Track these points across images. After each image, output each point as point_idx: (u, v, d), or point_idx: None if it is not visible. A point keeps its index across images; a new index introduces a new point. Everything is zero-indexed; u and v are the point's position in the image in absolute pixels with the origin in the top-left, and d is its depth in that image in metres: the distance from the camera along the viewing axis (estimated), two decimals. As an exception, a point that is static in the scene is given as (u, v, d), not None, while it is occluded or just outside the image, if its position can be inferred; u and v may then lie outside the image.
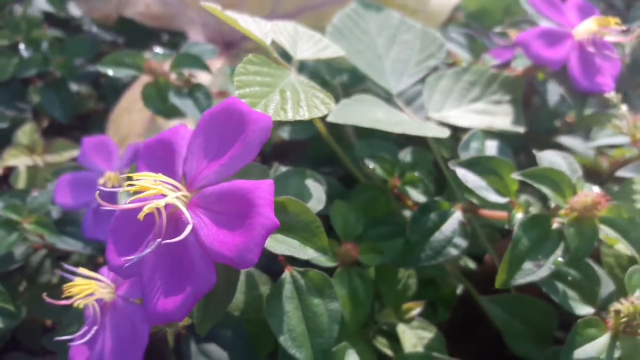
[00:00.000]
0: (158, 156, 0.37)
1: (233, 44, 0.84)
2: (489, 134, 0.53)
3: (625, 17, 0.71)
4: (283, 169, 0.49)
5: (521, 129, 0.54)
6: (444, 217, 0.47)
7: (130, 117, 0.71)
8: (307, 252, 0.37)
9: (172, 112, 0.61)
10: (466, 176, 0.44)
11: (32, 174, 0.68)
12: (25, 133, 0.70)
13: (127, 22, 0.82)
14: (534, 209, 0.43)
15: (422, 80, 0.58)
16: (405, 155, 0.56)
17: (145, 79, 0.62)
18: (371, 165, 0.53)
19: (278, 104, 0.39)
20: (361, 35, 0.60)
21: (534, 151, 0.44)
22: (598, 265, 0.51)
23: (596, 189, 0.42)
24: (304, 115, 0.39)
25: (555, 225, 0.41)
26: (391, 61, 0.59)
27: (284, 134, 0.62)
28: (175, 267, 0.33)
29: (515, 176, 0.41)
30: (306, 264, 0.42)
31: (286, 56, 0.47)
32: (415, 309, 0.50)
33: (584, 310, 0.42)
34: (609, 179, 0.58)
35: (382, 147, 0.56)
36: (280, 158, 0.62)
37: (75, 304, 0.40)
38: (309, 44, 0.48)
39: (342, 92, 0.62)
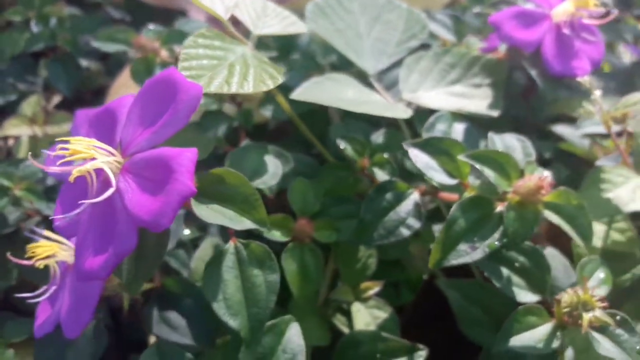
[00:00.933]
0: (102, 124, 0.39)
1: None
2: (460, 116, 0.52)
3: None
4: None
5: (495, 113, 0.53)
6: (399, 198, 0.47)
7: (127, 91, 0.73)
8: (242, 223, 0.38)
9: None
10: (418, 157, 0.44)
11: (34, 144, 0.71)
12: (30, 105, 0.73)
13: (135, 1, 0.84)
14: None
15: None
16: (378, 136, 0.56)
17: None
18: (342, 145, 0.54)
19: (224, 77, 0.39)
20: (344, 14, 0.60)
21: (490, 133, 0.44)
22: (566, 256, 0.50)
23: (547, 173, 0.41)
24: (249, 89, 0.39)
25: (499, 209, 0.40)
26: (372, 40, 0.59)
27: (267, 112, 0.63)
28: (103, 228, 0.35)
29: (462, 157, 0.41)
30: (260, 238, 0.43)
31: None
32: (373, 288, 0.51)
33: (527, 297, 0.41)
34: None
35: (358, 128, 0.56)
36: (277, 137, 0.63)
37: (37, 264, 0.43)
38: (274, 21, 0.48)
39: (330, 72, 0.63)
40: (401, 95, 0.55)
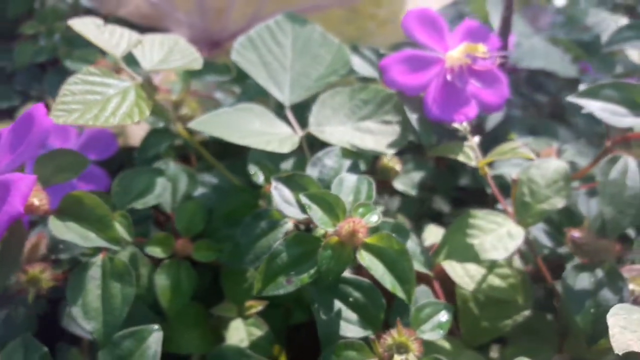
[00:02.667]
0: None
1: (219, 44, 0.91)
2: (352, 153, 0.54)
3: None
4: (162, 166, 0.56)
5: (391, 152, 0.55)
6: (273, 226, 0.50)
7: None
8: (92, 241, 0.43)
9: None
10: (281, 191, 0.47)
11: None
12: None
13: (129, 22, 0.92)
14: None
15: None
16: (287, 164, 0.59)
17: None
18: (252, 170, 0.58)
19: (95, 112, 0.45)
20: (274, 47, 0.64)
21: (342, 174, 0.46)
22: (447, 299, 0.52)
23: (374, 217, 0.43)
24: (113, 122, 0.45)
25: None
26: (296, 74, 0.62)
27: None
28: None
29: (301, 196, 0.44)
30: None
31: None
32: (257, 307, 0.55)
33: (354, 332, 0.43)
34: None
35: (272, 156, 0.60)
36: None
37: None
38: (177, 56, 0.53)
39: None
40: (309, 129, 0.58)
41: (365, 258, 0.41)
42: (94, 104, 0.46)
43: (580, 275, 0.49)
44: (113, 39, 0.51)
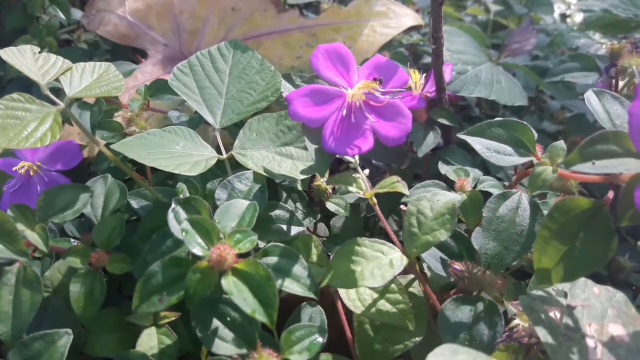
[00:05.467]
0: None
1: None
2: (263, 177, 0.58)
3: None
4: (100, 180, 0.61)
5: (301, 177, 0.58)
6: (177, 244, 0.55)
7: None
8: (3, 252, 0.48)
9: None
10: (178, 213, 0.51)
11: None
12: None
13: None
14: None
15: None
16: (213, 184, 0.63)
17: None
18: (180, 187, 0.62)
19: (11, 135, 0.50)
20: (212, 73, 0.68)
21: (230, 201, 0.50)
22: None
23: (248, 244, 0.46)
24: (25, 145, 0.50)
25: (197, 269, 0.46)
26: (230, 99, 0.66)
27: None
28: None
29: (183, 221, 0.47)
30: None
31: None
32: (170, 317, 0.59)
33: (225, 350, 0.47)
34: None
35: (202, 175, 0.64)
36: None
37: None
38: (102, 83, 0.58)
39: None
40: (233, 151, 0.62)
41: (230, 283, 0.44)
42: (12, 127, 0.51)
43: (460, 307, 0.51)
44: (45, 67, 0.56)
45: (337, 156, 0.55)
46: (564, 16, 1.84)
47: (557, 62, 0.73)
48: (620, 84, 0.72)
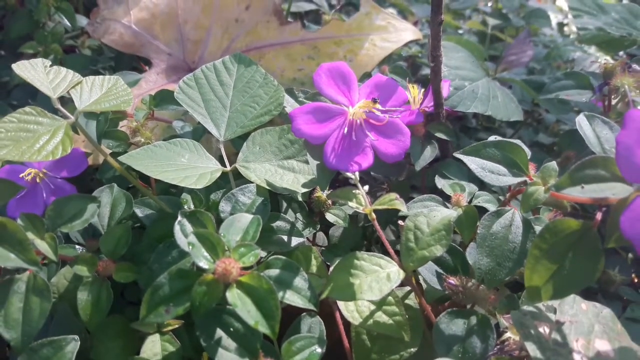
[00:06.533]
0: None
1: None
2: (265, 190, 0.60)
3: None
4: (107, 190, 0.63)
5: (302, 190, 0.60)
6: (183, 255, 0.57)
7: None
8: (11, 261, 0.50)
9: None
10: (184, 226, 0.53)
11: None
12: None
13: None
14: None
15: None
16: (217, 195, 0.65)
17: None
18: (185, 198, 0.64)
19: (23, 148, 0.52)
20: (217, 86, 0.70)
21: (234, 216, 0.52)
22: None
23: (252, 258, 0.48)
24: (37, 159, 0.52)
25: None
26: (234, 112, 0.68)
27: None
28: None
29: (189, 234, 0.49)
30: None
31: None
32: (174, 325, 0.60)
33: (230, 359, 0.49)
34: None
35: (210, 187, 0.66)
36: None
37: None
38: (111, 97, 0.60)
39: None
40: (237, 164, 0.64)
41: (234, 295, 0.46)
42: (24, 140, 0.53)
43: (454, 320, 0.53)
44: (56, 80, 0.58)
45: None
46: (561, 25, 1.87)
47: (553, 79, 0.75)
48: (613, 102, 0.75)
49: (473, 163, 0.53)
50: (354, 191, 0.55)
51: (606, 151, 0.49)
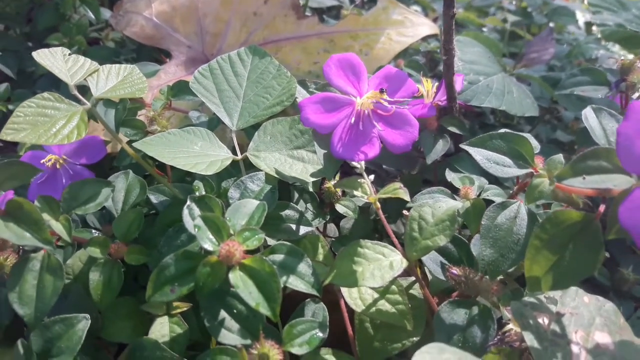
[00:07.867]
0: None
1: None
2: (274, 179, 0.61)
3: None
4: (122, 176, 0.65)
5: (311, 179, 0.61)
6: (191, 239, 0.58)
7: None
8: (25, 240, 0.52)
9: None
10: (192, 210, 0.54)
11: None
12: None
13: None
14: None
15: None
16: (228, 182, 0.66)
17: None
18: (197, 185, 0.65)
19: (40, 132, 0.54)
20: (231, 77, 0.71)
21: (240, 201, 0.53)
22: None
23: (255, 242, 0.49)
24: (53, 142, 0.54)
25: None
26: (247, 102, 0.69)
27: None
28: None
29: (196, 217, 0.50)
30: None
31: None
32: (182, 307, 0.62)
33: (230, 339, 0.50)
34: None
35: (218, 173, 0.67)
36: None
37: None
38: (126, 84, 0.62)
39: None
40: (248, 152, 0.65)
41: (237, 277, 0.47)
42: (41, 124, 0.55)
43: (456, 310, 0.53)
44: (74, 68, 0.60)
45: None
46: (589, 24, 1.83)
47: (568, 75, 0.74)
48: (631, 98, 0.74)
49: (478, 154, 0.53)
50: (359, 180, 0.56)
51: (611, 144, 0.48)
